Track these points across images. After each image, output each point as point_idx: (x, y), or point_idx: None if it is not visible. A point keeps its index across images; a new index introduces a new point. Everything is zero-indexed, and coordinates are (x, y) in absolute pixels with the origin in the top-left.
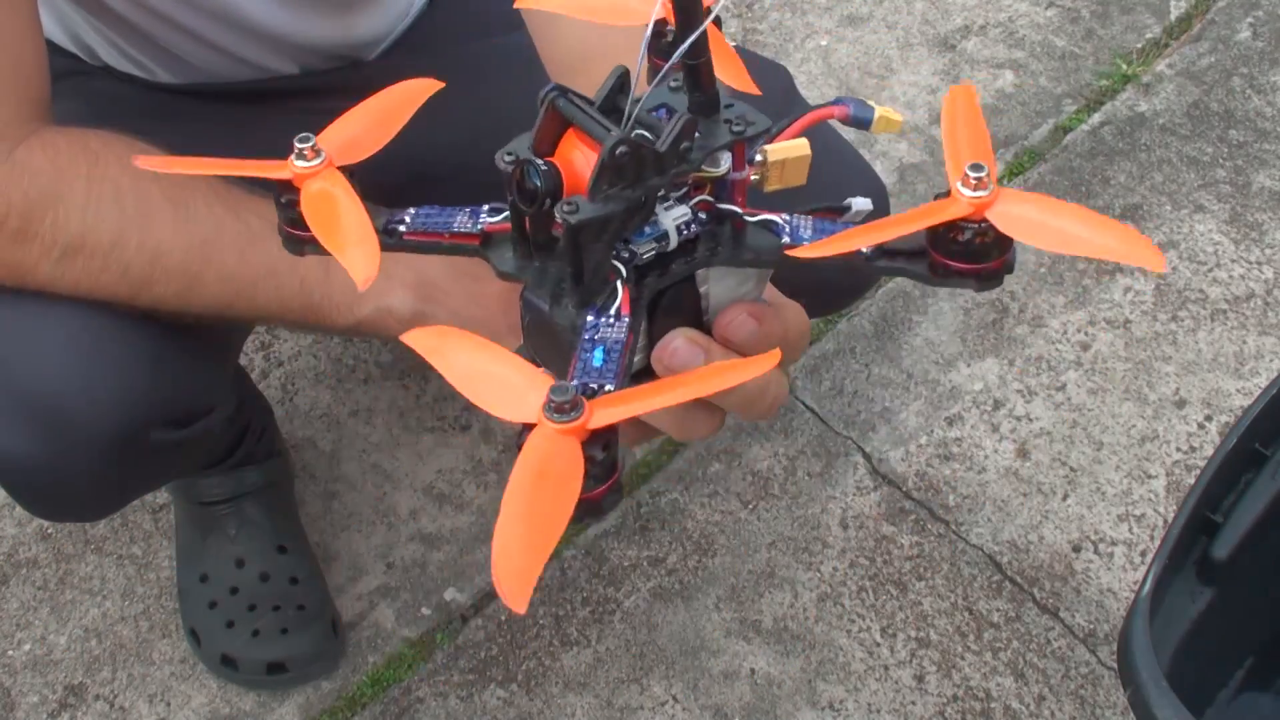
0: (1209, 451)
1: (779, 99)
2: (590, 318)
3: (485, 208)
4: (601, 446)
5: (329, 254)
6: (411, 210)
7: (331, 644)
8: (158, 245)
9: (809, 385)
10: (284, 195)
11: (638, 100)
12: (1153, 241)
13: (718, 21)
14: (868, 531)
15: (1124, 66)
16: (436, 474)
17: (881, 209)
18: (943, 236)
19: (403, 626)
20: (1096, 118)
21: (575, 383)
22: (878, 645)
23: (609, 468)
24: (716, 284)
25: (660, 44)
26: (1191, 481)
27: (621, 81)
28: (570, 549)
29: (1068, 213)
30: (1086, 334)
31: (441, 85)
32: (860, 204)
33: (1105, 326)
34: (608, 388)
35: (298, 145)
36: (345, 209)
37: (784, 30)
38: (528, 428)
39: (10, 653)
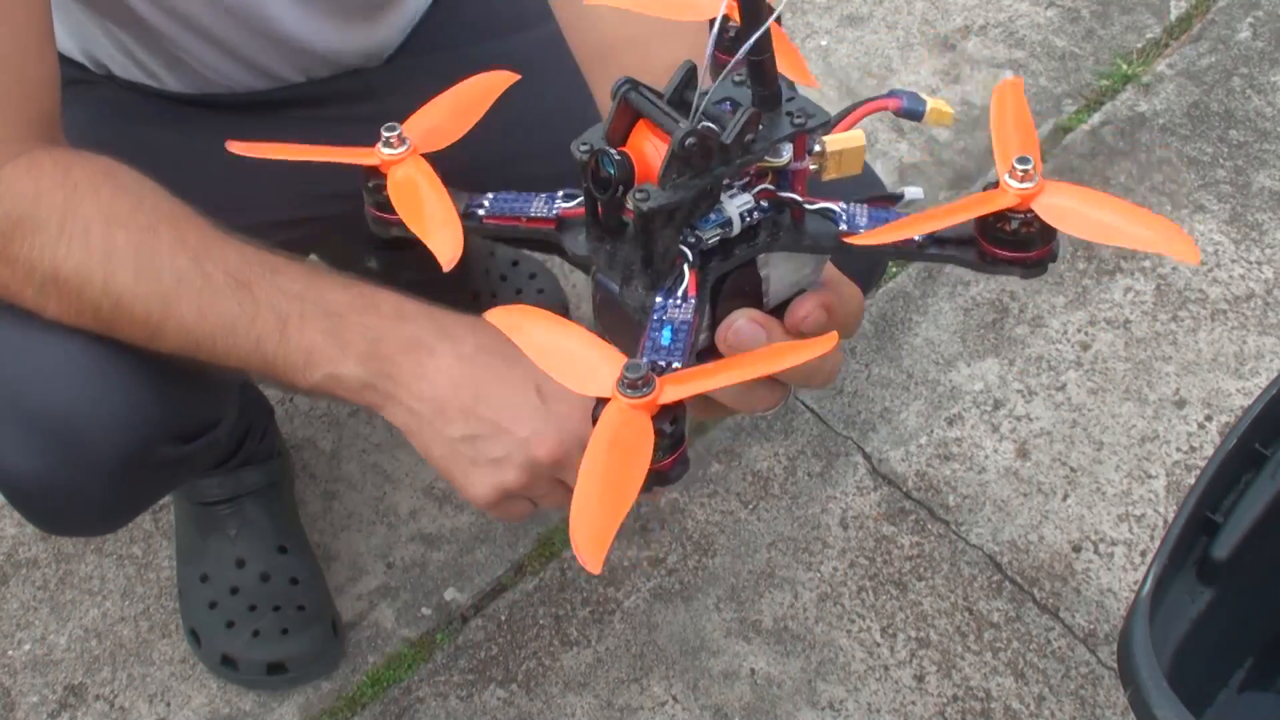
0: (1209, 451)
1: None
2: (659, 299)
3: (560, 194)
4: (670, 420)
5: (414, 236)
6: (490, 195)
7: (331, 644)
8: (120, 292)
9: None
10: (371, 180)
11: (704, 94)
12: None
13: (779, 18)
14: (868, 531)
15: (1124, 66)
16: (436, 474)
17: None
18: (990, 226)
19: (403, 626)
20: (1096, 118)
21: (645, 360)
22: (878, 645)
23: (677, 440)
24: (776, 268)
25: (725, 40)
26: (1191, 481)
27: (689, 76)
28: (570, 549)
29: (1108, 205)
30: (1086, 334)
31: (517, 78)
32: (913, 193)
33: (1105, 326)
34: (675, 365)
35: (384, 134)
36: (429, 194)
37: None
38: (601, 402)
39: (10, 653)
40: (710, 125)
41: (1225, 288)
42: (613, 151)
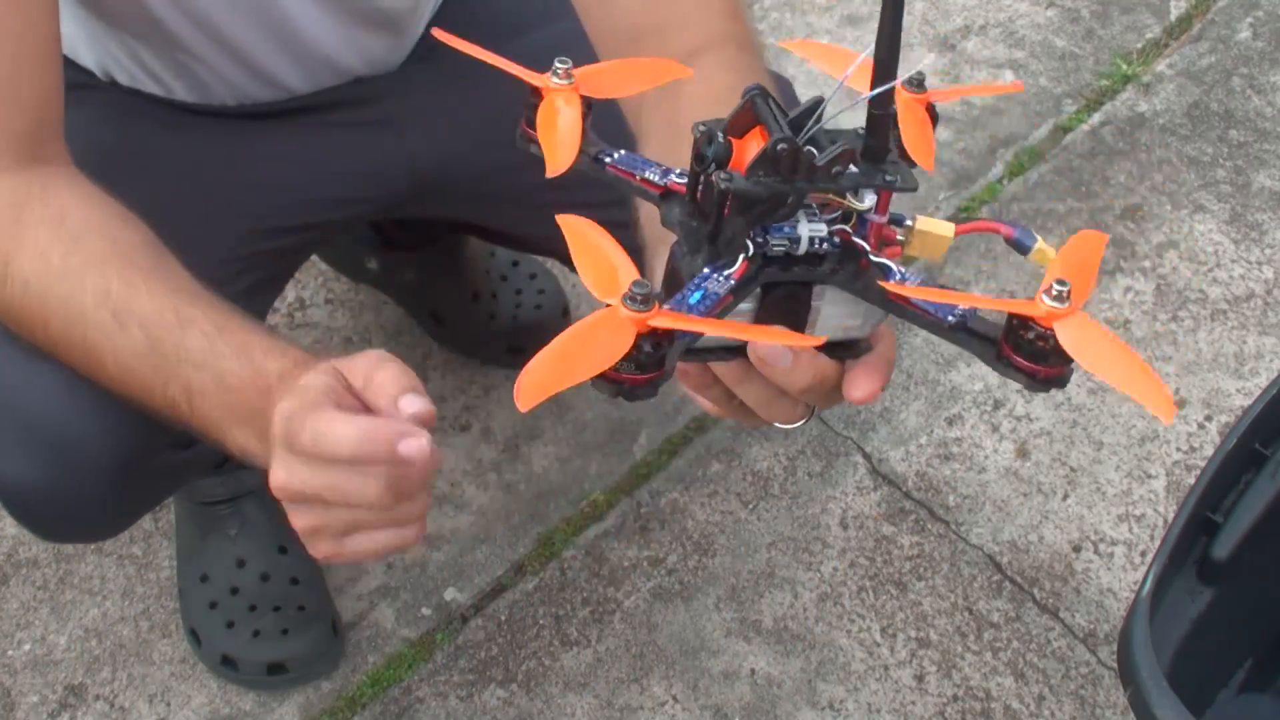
0: (1209, 451)
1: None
2: (707, 269)
3: (676, 170)
4: (653, 344)
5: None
6: (620, 151)
7: (331, 644)
8: (55, 340)
9: None
10: (530, 100)
11: (819, 122)
12: (1162, 384)
13: (922, 88)
14: (868, 531)
15: (1124, 66)
16: (436, 474)
17: None
18: (1015, 330)
19: (403, 626)
20: (1096, 118)
21: (670, 305)
22: (878, 645)
23: (652, 364)
24: (831, 305)
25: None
26: (1191, 481)
27: (814, 106)
28: (570, 549)
29: (1121, 355)
30: None
31: (690, 72)
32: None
33: (1105, 326)
34: (675, 295)
35: (557, 64)
36: (567, 123)
37: (784, 30)
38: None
39: (10, 653)
40: (811, 149)
41: (1225, 288)
42: (720, 135)
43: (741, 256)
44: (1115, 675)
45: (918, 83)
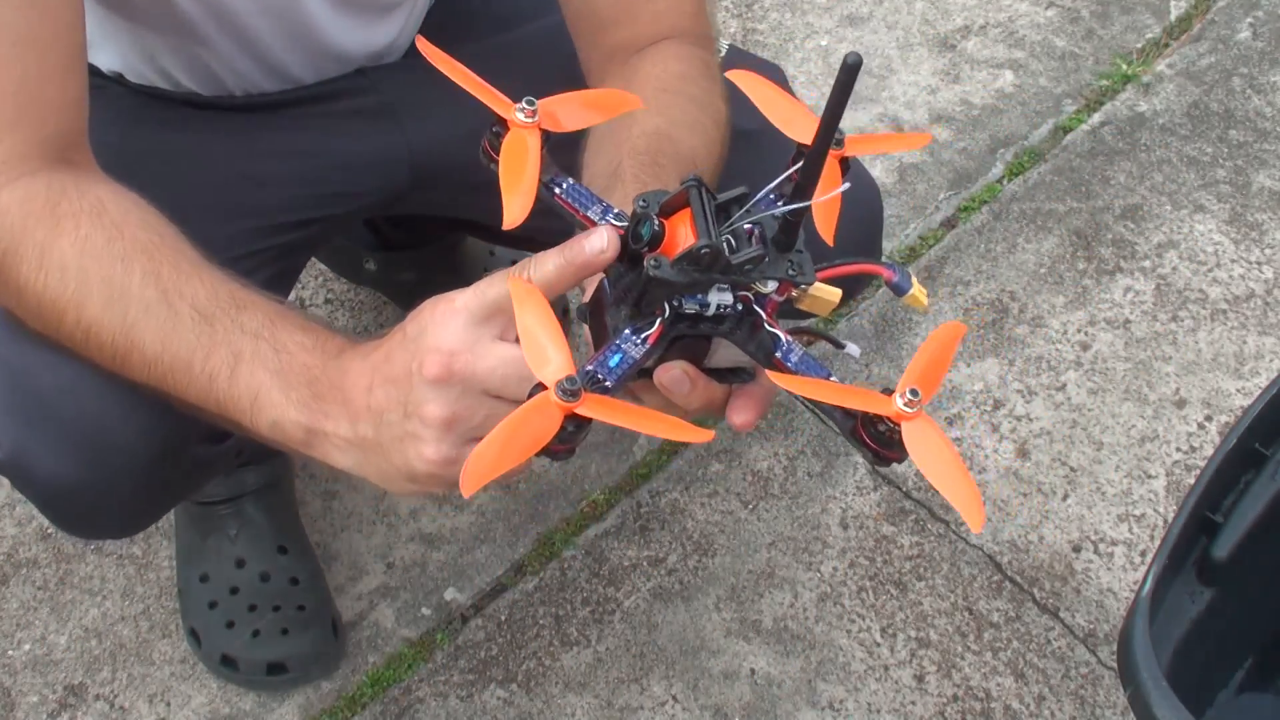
0: (1209, 451)
1: None
2: (628, 331)
3: (615, 211)
4: (577, 426)
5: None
6: (570, 180)
7: (331, 644)
8: (90, 323)
9: None
10: (495, 126)
11: (736, 220)
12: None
13: (840, 145)
14: (868, 531)
15: (1124, 66)
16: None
17: (873, 205)
18: (870, 418)
19: (403, 626)
20: (1096, 118)
21: (592, 366)
22: (878, 645)
23: (574, 439)
24: (727, 346)
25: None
26: (1191, 481)
27: (741, 199)
28: (570, 549)
29: (949, 462)
30: (1086, 334)
31: (640, 103)
32: (851, 349)
33: (1105, 326)
34: (608, 384)
35: (524, 102)
36: (525, 165)
37: (784, 30)
38: (539, 386)
39: (10, 653)
40: (729, 239)
41: (1225, 288)
42: (657, 221)
43: (659, 320)
44: (1115, 675)
45: (837, 141)
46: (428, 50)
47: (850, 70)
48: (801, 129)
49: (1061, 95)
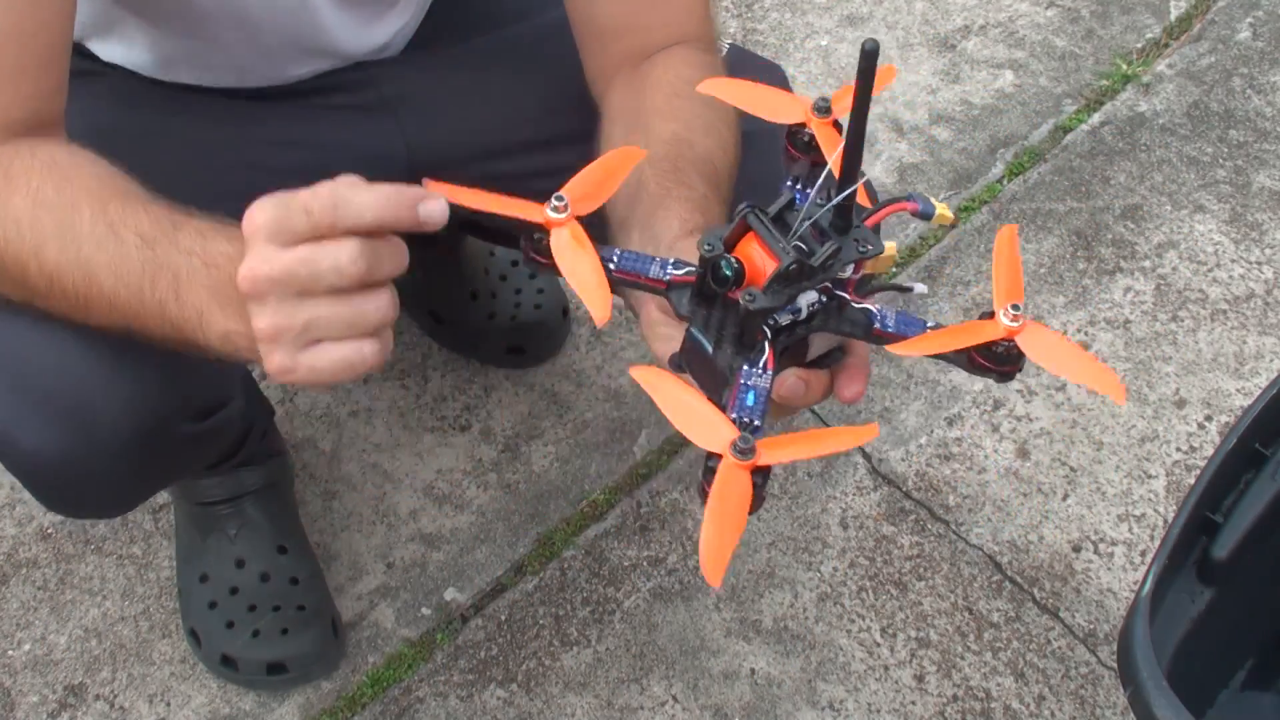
0: (1209, 451)
1: None
2: (745, 366)
3: (671, 261)
4: (760, 475)
5: (560, 277)
6: (618, 251)
7: (331, 644)
8: (51, 269)
9: None
10: (535, 232)
11: (799, 227)
12: (1118, 376)
13: (867, 182)
14: (868, 531)
15: (1124, 66)
16: (436, 474)
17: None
18: (982, 345)
19: (403, 626)
20: (1096, 118)
21: (734, 415)
22: (878, 645)
23: (765, 489)
24: (818, 337)
25: (798, 140)
26: (1191, 481)
27: (789, 204)
28: (570, 549)
29: (1069, 349)
30: (1086, 334)
31: (644, 155)
32: (919, 287)
33: (1105, 326)
34: (757, 422)
35: (554, 200)
36: (585, 258)
37: (784, 30)
38: (712, 454)
39: (10, 653)
40: (802, 247)
41: (1225, 288)
42: (731, 258)
43: (766, 344)
44: (1115, 675)
45: (824, 109)
46: (438, 188)
47: (869, 57)
48: (789, 111)
49: (1061, 95)
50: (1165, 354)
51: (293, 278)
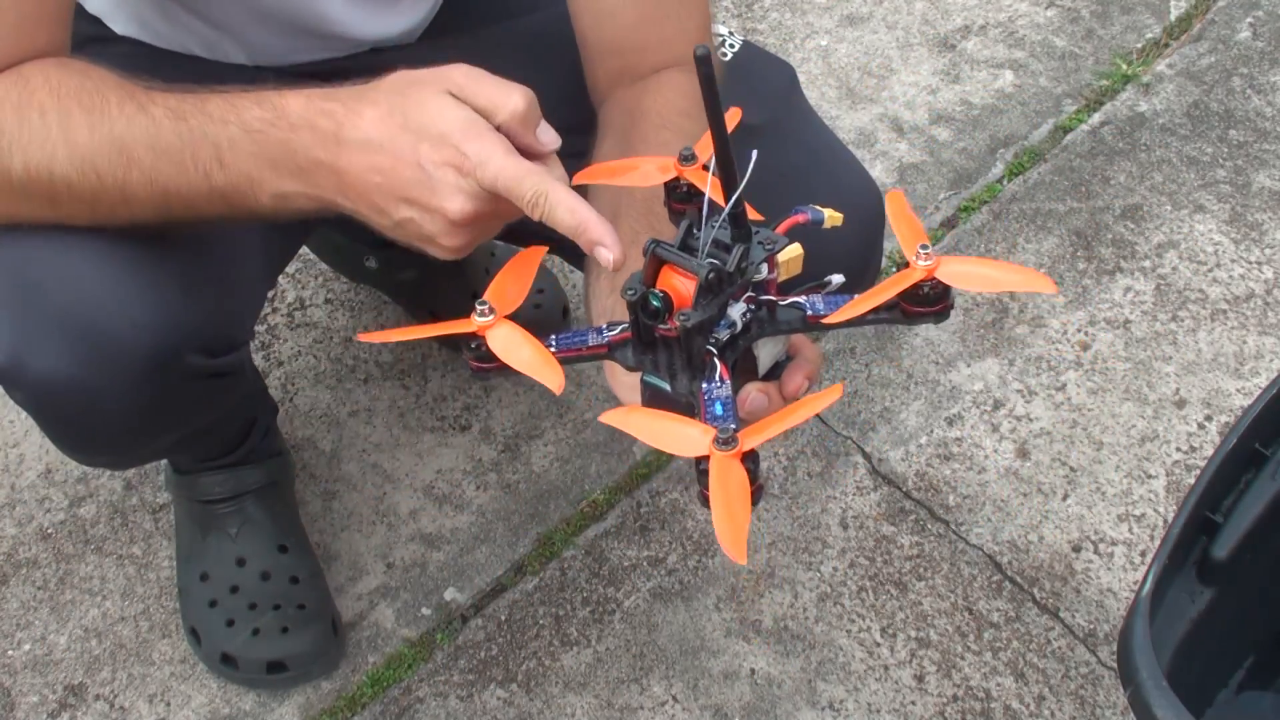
0: (1209, 451)
1: (781, 94)
2: (704, 385)
3: (604, 325)
4: (750, 461)
5: (513, 375)
6: (554, 336)
7: (331, 644)
8: (82, 154)
9: (809, 385)
10: (473, 342)
11: (708, 241)
12: (1045, 273)
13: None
14: (868, 531)
15: (1124, 66)
16: (436, 474)
17: (873, 205)
18: (908, 293)
19: (403, 626)
20: (1096, 118)
21: (713, 423)
22: (878, 645)
23: (754, 475)
24: (763, 348)
25: (676, 194)
26: (1191, 481)
27: (689, 229)
28: (570, 549)
29: (985, 264)
30: (1086, 334)
31: (543, 253)
32: (836, 279)
33: (1105, 326)
34: (731, 426)
35: (478, 307)
36: (527, 345)
37: (784, 30)
38: (699, 459)
39: (10, 653)
40: (715, 261)
41: (1225, 288)
42: (656, 291)
43: (716, 360)
44: (1115, 675)
45: (689, 156)
46: (367, 336)
47: (703, 63)
48: (654, 175)
49: (1061, 95)
50: (1165, 354)
51: (497, 214)
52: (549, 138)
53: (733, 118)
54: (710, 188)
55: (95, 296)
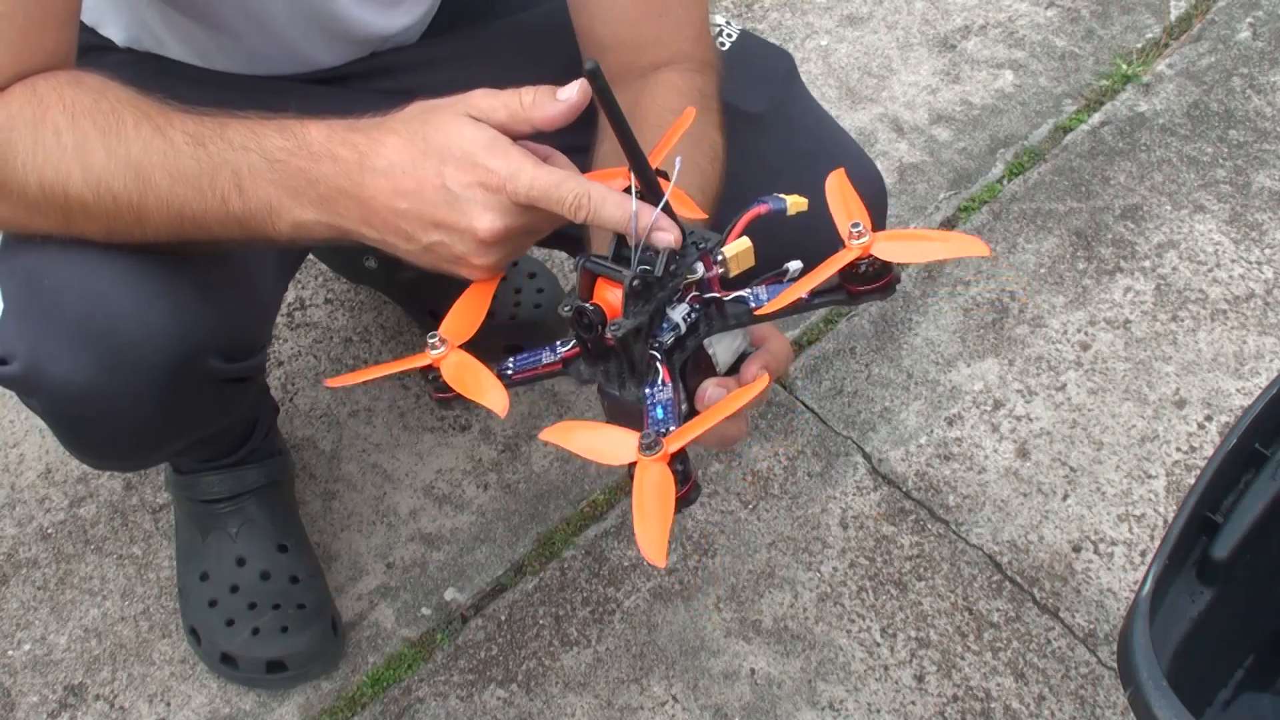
0: (1209, 451)
1: (779, 82)
2: (646, 390)
3: (559, 343)
4: (679, 462)
5: (471, 404)
6: (511, 359)
7: (331, 643)
8: (98, 175)
9: (809, 385)
10: (430, 373)
11: (635, 249)
12: (986, 243)
13: (667, 180)
14: (868, 531)
15: (1124, 66)
16: (436, 474)
17: (875, 192)
18: (849, 273)
19: (403, 626)
20: (1096, 118)
21: (650, 430)
22: (878, 645)
23: (686, 475)
24: (718, 345)
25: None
26: (1191, 481)
27: (620, 240)
28: (570, 549)
29: (917, 235)
30: (1086, 334)
31: (497, 281)
32: (794, 266)
33: (1105, 326)
34: (671, 428)
35: (430, 340)
36: (476, 372)
37: (784, 30)
38: (632, 466)
39: (10, 653)
40: (646, 267)
41: (1225, 288)
42: (588, 305)
43: (659, 364)
44: (1115, 675)
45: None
46: (334, 381)
47: (594, 76)
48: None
49: (1061, 95)
50: (1165, 354)
51: (530, 228)
52: (568, 94)
53: (685, 119)
54: (666, 194)
55: (112, 302)
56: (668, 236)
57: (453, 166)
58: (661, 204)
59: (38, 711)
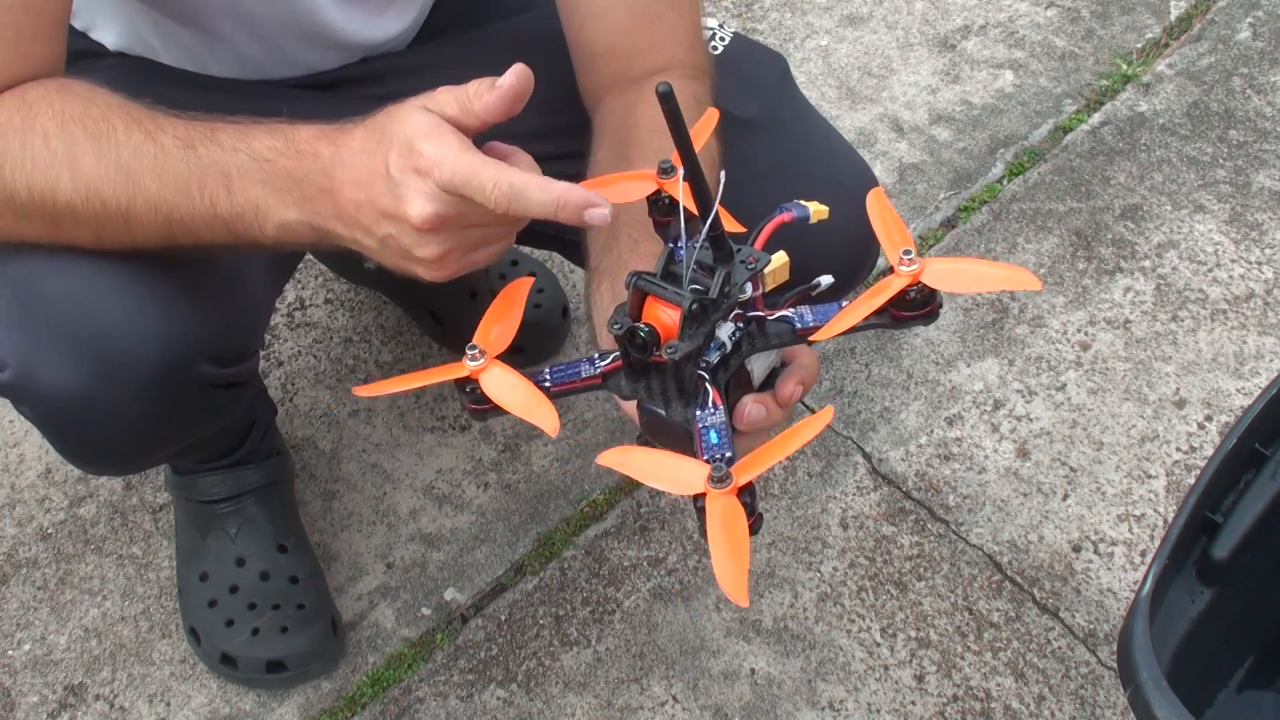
0: (1209, 451)
1: (772, 85)
2: (697, 412)
3: (597, 355)
4: (747, 495)
5: (507, 415)
6: (548, 368)
7: (331, 643)
8: (87, 179)
9: None
10: (467, 386)
11: (685, 269)
12: (1034, 272)
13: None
14: (868, 531)
15: (1124, 66)
16: (436, 474)
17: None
18: (895, 298)
19: (403, 626)
20: (1096, 118)
21: (706, 456)
22: (878, 645)
23: (752, 508)
24: (755, 362)
25: (658, 206)
26: (1191, 481)
27: (670, 256)
28: (570, 549)
29: (970, 263)
30: (1086, 334)
31: (531, 282)
32: (825, 280)
33: (1105, 326)
34: (728, 454)
35: (469, 352)
36: (519, 386)
37: (784, 30)
38: (698, 496)
39: (10, 653)
40: (697, 287)
41: (1225, 288)
42: (642, 326)
43: (708, 386)
44: (1115, 675)
45: (668, 169)
46: (363, 390)
47: (666, 99)
48: (636, 190)
49: (1061, 95)
50: (1165, 354)
51: (466, 219)
52: (505, 80)
53: (710, 120)
54: (691, 206)
55: (102, 309)
56: (602, 212)
57: (395, 153)
58: (711, 216)
59: (38, 711)
